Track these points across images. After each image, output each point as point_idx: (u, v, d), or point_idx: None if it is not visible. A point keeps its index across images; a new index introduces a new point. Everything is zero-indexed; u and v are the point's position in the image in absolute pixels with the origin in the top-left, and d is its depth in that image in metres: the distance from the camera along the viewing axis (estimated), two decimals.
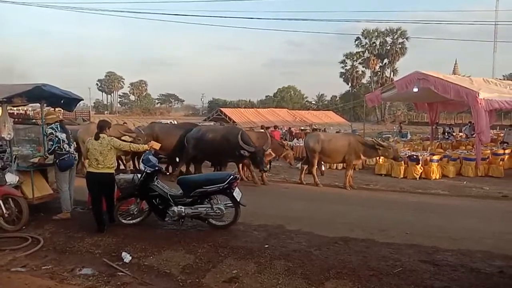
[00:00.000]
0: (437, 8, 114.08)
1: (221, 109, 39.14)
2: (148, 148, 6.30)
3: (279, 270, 4.66)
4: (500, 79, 23.36)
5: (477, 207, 8.60)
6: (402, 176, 12.75)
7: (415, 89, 15.52)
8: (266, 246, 5.44)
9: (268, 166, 11.43)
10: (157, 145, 6.32)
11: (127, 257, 5.08)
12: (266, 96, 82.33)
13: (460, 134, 22.34)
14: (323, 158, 11.16)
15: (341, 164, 13.60)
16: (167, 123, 19.91)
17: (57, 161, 6.59)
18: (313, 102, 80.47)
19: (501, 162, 14.09)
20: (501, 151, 14.55)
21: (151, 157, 6.17)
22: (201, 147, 10.77)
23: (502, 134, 19.51)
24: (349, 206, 8.41)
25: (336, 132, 19.84)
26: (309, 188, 10.46)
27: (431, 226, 6.72)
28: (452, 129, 23.80)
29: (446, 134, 21.63)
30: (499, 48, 47.34)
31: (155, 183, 6.21)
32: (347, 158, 10.73)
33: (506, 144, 16.62)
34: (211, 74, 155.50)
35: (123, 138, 10.23)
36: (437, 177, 12.71)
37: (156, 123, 14.25)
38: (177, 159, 11.19)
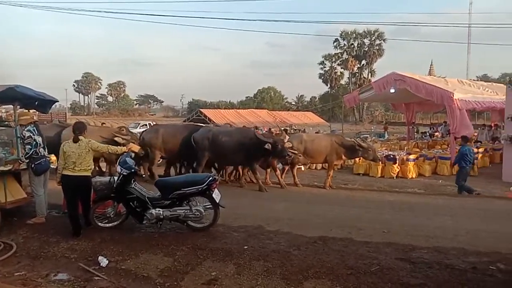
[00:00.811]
0: (413, 11, 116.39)
1: (201, 110, 38.97)
2: (127, 150, 6.21)
3: (258, 271, 4.66)
4: (474, 80, 24.04)
5: (452, 205, 8.80)
6: (379, 175, 12.98)
7: (392, 90, 15.83)
8: (246, 247, 5.43)
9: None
10: (136, 148, 6.25)
11: (103, 261, 4.99)
12: (247, 97, 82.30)
13: (436, 133, 22.85)
14: (306, 158, 11.21)
15: (321, 165, 13.74)
16: (146, 125, 19.68)
17: (32, 165, 6.44)
18: (293, 103, 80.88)
19: (475, 161, 14.49)
20: (475, 150, 14.96)
21: (128, 159, 6.08)
22: (215, 148, 10.24)
23: (475, 134, 20.04)
24: (328, 206, 8.49)
25: (316, 132, 20.00)
26: (289, 189, 10.50)
27: (408, 225, 6.85)
28: (433, 129, 24.32)
29: (426, 134, 22.09)
30: (472, 50, 48.65)
31: (132, 185, 6.12)
32: (329, 158, 10.83)
33: (479, 143, 17.11)
34: (191, 75, 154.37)
35: (115, 139, 10.20)
36: (414, 176, 12.99)
37: (161, 125, 13.90)
38: (185, 162, 11.00)
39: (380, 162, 12.82)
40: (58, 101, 8.34)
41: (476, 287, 4.17)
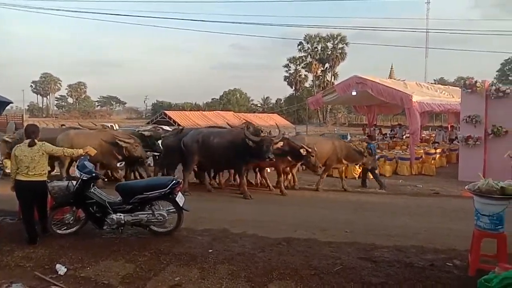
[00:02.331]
0: (374, 16, 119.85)
1: (166, 111, 38.46)
2: (84, 154, 6.00)
3: (222, 274, 4.61)
4: (431, 83, 25.01)
5: (411, 204, 9.10)
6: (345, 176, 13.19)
7: (354, 93, 16.23)
8: (210, 250, 5.37)
9: None
10: (92, 151, 6.03)
11: (61, 269, 4.79)
12: (213, 99, 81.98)
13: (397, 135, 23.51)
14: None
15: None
16: (108, 127, 19.14)
17: None
18: (259, 105, 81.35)
19: (433, 161, 15.10)
20: (433, 151, 15.60)
21: (86, 163, 5.88)
22: (205, 151, 9.88)
23: (434, 135, 20.85)
24: (293, 207, 8.56)
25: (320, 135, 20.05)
26: (254, 191, 10.48)
27: (369, 224, 7.02)
28: (394, 130, 25.01)
29: (386, 135, 22.66)
30: (430, 54, 50.61)
31: (92, 190, 5.92)
32: (329, 162, 10.80)
33: (437, 144, 17.82)
34: (155, 76, 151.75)
35: (118, 142, 9.95)
36: None
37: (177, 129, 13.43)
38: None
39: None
40: (12, 102, 7.98)
41: (434, 283, 4.30)
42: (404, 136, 20.13)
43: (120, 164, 11.16)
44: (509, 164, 11.42)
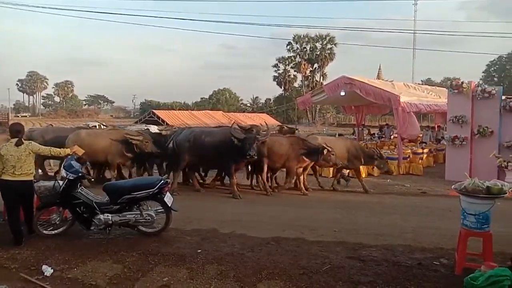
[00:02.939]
0: (363, 17, 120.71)
1: (154, 111, 38.22)
2: (71, 153, 5.93)
3: (211, 274, 4.60)
4: (418, 84, 25.27)
5: (399, 204, 9.17)
6: (331, 175, 13.25)
7: (342, 93, 16.29)
8: (199, 251, 5.35)
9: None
10: (80, 151, 5.97)
11: (48, 270, 4.72)
12: (202, 98, 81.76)
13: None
14: (321, 162, 10.80)
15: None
16: (95, 126, 18.95)
17: None
18: (248, 105, 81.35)
19: (420, 161, 15.27)
20: (420, 151, 15.77)
21: (73, 162, 5.80)
22: (196, 151, 9.77)
23: (421, 135, 21.06)
24: (281, 207, 8.57)
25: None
26: (243, 191, 10.46)
27: (358, 223, 7.07)
28: (382, 130, 25.21)
29: (375, 135, 22.83)
30: (417, 55, 51.09)
31: (79, 190, 5.85)
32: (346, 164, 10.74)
33: (424, 144, 18.00)
34: (144, 75, 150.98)
35: (131, 141, 9.94)
36: (363, 176, 13.38)
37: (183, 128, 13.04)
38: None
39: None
40: None
41: (421, 282, 4.35)
42: (392, 136, 20.30)
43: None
44: (495, 164, 11.64)
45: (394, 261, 4.97)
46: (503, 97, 12.52)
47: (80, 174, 5.86)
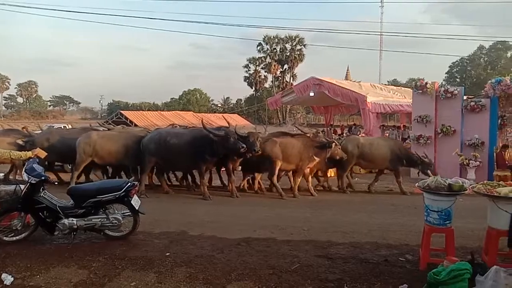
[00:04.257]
0: (331, 18, 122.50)
1: (122, 111, 37.42)
2: (32, 156, 5.72)
3: (180, 277, 4.54)
4: (385, 85, 25.91)
5: (367, 202, 9.37)
6: (332, 174, 13.34)
7: (312, 94, 16.52)
8: (168, 254, 5.27)
9: None
10: (42, 153, 5.77)
11: (8, 279, 4.52)
12: (171, 99, 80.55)
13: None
14: (362, 163, 11.07)
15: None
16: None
17: None
18: (219, 105, 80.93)
19: None
20: None
21: (35, 165, 5.59)
22: (164, 152, 9.62)
23: (387, 134, 21.55)
24: (252, 207, 8.58)
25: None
26: (213, 192, 10.39)
27: (326, 222, 7.16)
28: (352, 130, 25.64)
29: (343, 135, 23.17)
30: (384, 56, 52.26)
31: (42, 194, 5.65)
32: (389, 165, 10.79)
33: None
34: (112, 76, 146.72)
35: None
36: (332, 175, 13.57)
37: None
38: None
39: None
40: None
41: (387, 278, 4.44)
42: (359, 135, 20.70)
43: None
44: (457, 162, 12.07)
45: (362, 258, 5.06)
46: (465, 97, 13.05)
47: (42, 178, 5.65)
